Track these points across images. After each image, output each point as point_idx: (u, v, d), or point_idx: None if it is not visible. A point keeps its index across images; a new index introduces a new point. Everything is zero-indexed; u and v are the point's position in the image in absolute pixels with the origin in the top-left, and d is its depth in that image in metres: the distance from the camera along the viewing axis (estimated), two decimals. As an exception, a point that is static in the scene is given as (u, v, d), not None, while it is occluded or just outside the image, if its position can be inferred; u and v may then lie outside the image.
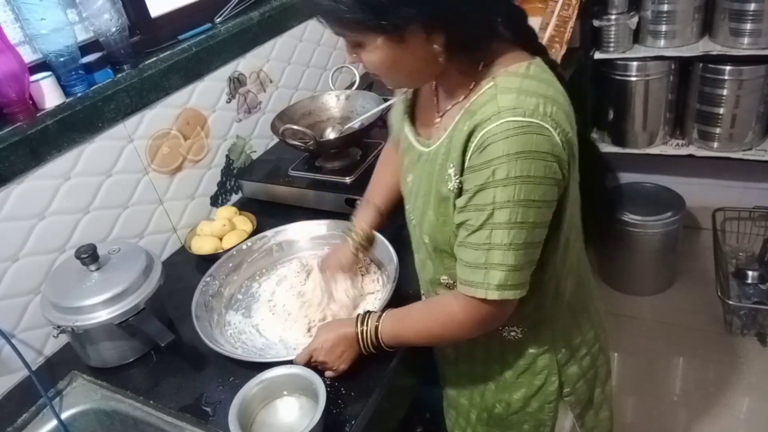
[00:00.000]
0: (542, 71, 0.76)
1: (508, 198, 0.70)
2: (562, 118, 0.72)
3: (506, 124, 0.69)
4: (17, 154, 1.04)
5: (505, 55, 0.77)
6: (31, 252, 1.10)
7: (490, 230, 0.72)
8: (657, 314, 2.21)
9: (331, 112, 1.57)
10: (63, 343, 1.14)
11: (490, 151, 0.70)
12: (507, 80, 0.74)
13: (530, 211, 0.71)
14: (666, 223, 2.12)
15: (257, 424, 0.90)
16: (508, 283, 0.73)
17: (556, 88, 0.75)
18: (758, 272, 2.11)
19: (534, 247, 0.74)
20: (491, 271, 0.73)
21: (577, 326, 0.91)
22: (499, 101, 0.71)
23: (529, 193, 0.70)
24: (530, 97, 0.71)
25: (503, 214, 0.71)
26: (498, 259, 0.72)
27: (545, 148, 0.69)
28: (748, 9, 1.83)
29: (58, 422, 0.99)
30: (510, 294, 0.74)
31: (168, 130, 1.34)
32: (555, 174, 0.71)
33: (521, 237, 0.71)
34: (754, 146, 2.11)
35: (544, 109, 0.70)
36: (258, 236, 1.26)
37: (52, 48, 1.11)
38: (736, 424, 1.81)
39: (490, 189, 0.71)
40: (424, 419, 1.30)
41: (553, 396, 0.92)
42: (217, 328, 1.09)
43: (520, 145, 0.69)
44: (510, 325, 0.88)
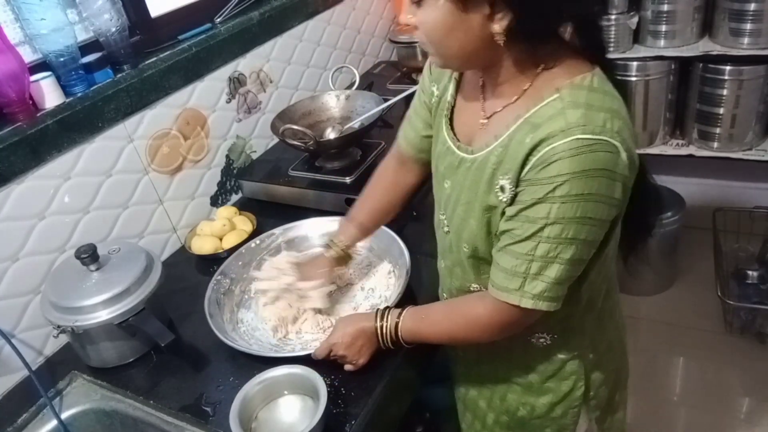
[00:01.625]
0: (604, 83, 0.73)
1: (563, 215, 0.68)
2: (627, 134, 0.70)
3: (575, 142, 0.66)
4: (17, 154, 1.04)
5: (566, 61, 0.73)
6: (31, 252, 1.10)
7: (537, 242, 0.71)
8: (657, 314, 2.21)
9: (331, 112, 1.57)
10: (63, 343, 1.14)
11: (556, 167, 0.67)
12: (573, 93, 0.70)
13: (584, 228, 0.70)
14: (666, 223, 2.12)
15: (258, 424, 0.90)
16: (545, 294, 0.73)
17: (618, 100, 0.72)
18: (758, 272, 2.11)
19: (580, 264, 0.74)
20: (531, 281, 0.73)
21: (603, 332, 0.91)
22: (567, 116, 0.68)
23: (587, 212, 0.68)
24: (598, 113, 0.68)
25: (555, 229, 0.69)
26: (540, 270, 0.72)
27: (611, 166, 0.67)
28: (748, 9, 1.83)
29: (58, 422, 0.99)
30: (544, 305, 0.74)
31: (168, 130, 1.34)
32: (616, 194, 0.70)
33: (569, 252, 0.71)
34: (754, 146, 2.11)
35: (611, 126, 0.68)
36: (266, 234, 1.26)
37: (52, 48, 1.11)
38: (736, 424, 1.81)
39: (548, 204, 0.69)
40: (424, 419, 1.30)
41: (578, 401, 0.91)
42: (230, 325, 1.09)
43: (588, 163, 0.66)
44: (540, 332, 0.87)
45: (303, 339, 1.06)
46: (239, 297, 1.17)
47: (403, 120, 1.03)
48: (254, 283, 1.16)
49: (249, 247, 1.23)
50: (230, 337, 1.03)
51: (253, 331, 1.09)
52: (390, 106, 1.47)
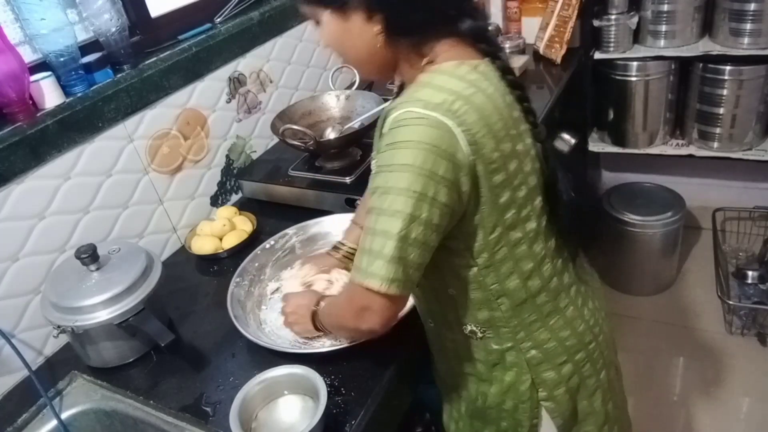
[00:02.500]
0: (472, 71, 0.77)
1: (386, 182, 0.71)
2: (472, 118, 0.72)
3: (406, 113, 0.72)
4: (17, 154, 1.04)
5: (451, 54, 0.78)
6: (31, 252, 1.10)
7: (372, 215, 0.73)
8: (657, 314, 2.21)
9: (331, 112, 1.57)
10: (63, 343, 1.14)
11: (390, 135, 0.72)
12: (429, 76, 0.76)
13: (409, 201, 0.70)
14: (666, 223, 2.12)
15: (258, 424, 0.90)
16: (380, 273, 0.71)
17: (479, 89, 0.75)
18: (758, 272, 2.11)
19: (412, 244, 0.72)
20: (368, 257, 0.73)
21: (548, 330, 0.89)
22: (411, 92, 0.74)
23: (410, 183, 0.70)
24: (440, 93, 0.73)
25: (381, 199, 0.72)
26: (375, 245, 0.72)
27: (438, 143, 0.70)
28: (748, 9, 1.83)
29: (58, 422, 0.98)
30: (377, 284, 0.72)
31: (168, 130, 1.34)
32: (444, 172, 0.71)
33: (396, 225, 0.70)
34: (754, 146, 2.11)
35: (450, 106, 0.71)
36: (280, 234, 1.26)
37: (52, 48, 1.11)
38: (736, 424, 1.81)
39: (383, 173, 0.72)
40: (424, 419, 1.30)
41: (526, 396, 0.91)
42: (254, 324, 1.09)
43: (413, 134, 0.70)
44: (467, 323, 0.89)
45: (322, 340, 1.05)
46: (258, 298, 1.17)
47: None
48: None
49: (264, 248, 1.23)
50: (257, 335, 1.02)
51: (278, 330, 1.08)
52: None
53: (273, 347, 0.99)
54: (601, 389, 0.97)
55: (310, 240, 1.28)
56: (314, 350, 0.99)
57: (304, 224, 1.28)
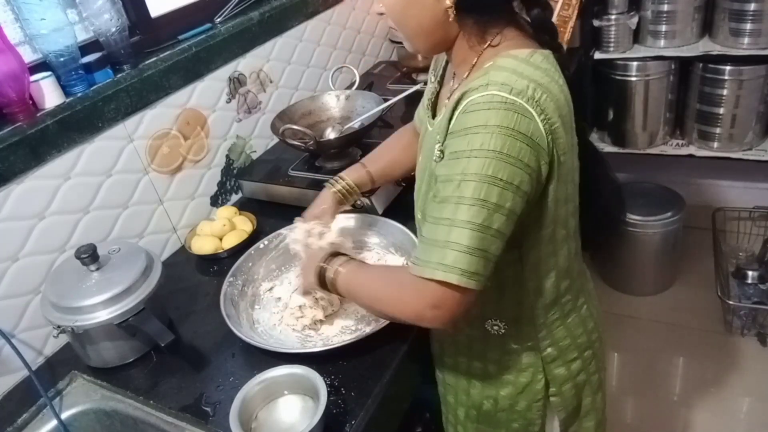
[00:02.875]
0: (544, 61, 0.75)
1: (475, 170, 0.68)
2: (550, 107, 0.71)
3: (490, 96, 0.69)
4: (17, 154, 1.04)
5: (513, 40, 0.77)
6: (31, 252, 1.10)
7: (452, 204, 0.69)
8: (657, 314, 2.21)
9: (331, 112, 1.57)
10: (63, 343, 1.14)
11: (470, 118, 0.69)
12: (505, 61, 0.73)
13: (494, 189, 0.67)
14: (666, 223, 2.12)
15: (258, 424, 0.90)
16: (457, 266, 0.68)
17: (553, 79, 0.74)
18: (758, 272, 2.11)
19: (492, 235, 0.69)
20: (443, 250, 0.69)
21: (566, 328, 0.90)
22: (491, 75, 0.71)
23: (497, 170, 0.67)
24: (522, 79, 0.70)
25: (468, 187, 0.68)
26: (451, 235, 0.68)
27: (524, 129, 0.68)
28: (748, 9, 1.83)
29: (58, 422, 0.98)
30: (455, 278, 0.68)
31: (168, 130, 1.34)
32: (528, 160, 0.69)
33: (480, 215, 0.67)
34: (754, 146, 2.11)
35: (533, 93, 0.70)
36: (274, 234, 1.26)
37: (52, 48, 1.11)
38: (736, 424, 1.81)
39: (462, 159, 0.69)
40: (424, 419, 1.30)
41: (540, 395, 0.91)
42: (247, 323, 1.09)
43: (500, 119, 0.68)
44: (492, 318, 0.87)
45: (324, 335, 1.05)
46: (252, 298, 1.17)
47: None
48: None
49: (258, 248, 1.23)
50: (249, 336, 1.02)
51: (270, 330, 1.09)
52: (390, 106, 1.47)
53: (265, 347, 0.99)
54: (602, 386, 0.99)
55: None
56: (312, 350, 0.99)
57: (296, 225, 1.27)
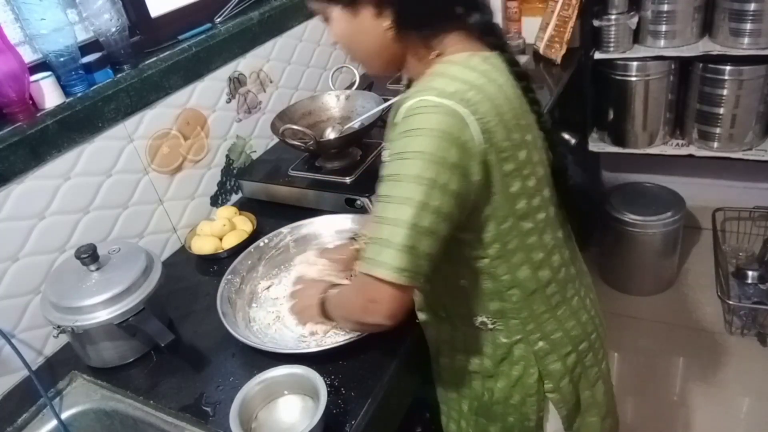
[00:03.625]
0: (483, 63, 0.78)
1: (398, 170, 0.71)
2: (485, 106, 0.73)
3: (420, 102, 0.72)
4: (17, 154, 1.04)
5: (459, 46, 0.79)
6: (31, 252, 1.10)
7: (383, 203, 0.72)
8: (657, 314, 2.21)
9: (331, 112, 1.57)
10: (63, 343, 1.14)
11: (403, 124, 0.73)
12: (442, 66, 0.77)
13: (420, 188, 0.69)
14: (666, 223, 2.12)
15: (258, 424, 0.90)
16: (388, 262, 0.70)
17: (491, 80, 0.76)
18: (758, 272, 2.11)
19: (420, 232, 0.70)
20: (379, 247, 0.71)
21: (556, 320, 0.90)
22: (425, 82, 0.75)
23: (421, 170, 0.69)
24: (454, 82, 0.73)
25: (393, 187, 0.71)
26: (385, 234, 0.71)
27: (451, 130, 0.70)
28: (748, 9, 1.83)
29: (58, 422, 0.99)
30: (387, 274, 0.70)
31: (168, 130, 1.34)
32: (456, 160, 0.71)
33: (407, 213, 0.69)
34: (754, 146, 2.11)
35: (464, 95, 0.72)
36: (274, 233, 1.26)
37: (52, 48, 1.11)
38: (736, 424, 1.81)
39: (394, 161, 0.72)
40: (424, 419, 1.30)
41: (534, 389, 0.91)
42: (243, 323, 1.09)
43: (425, 122, 0.71)
44: (478, 314, 0.89)
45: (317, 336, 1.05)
46: (250, 296, 1.17)
47: None
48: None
49: (258, 246, 1.24)
50: (244, 335, 1.03)
51: (266, 329, 1.09)
52: (390, 106, 1.47)
53: (260, 347, 0.99)
54: (602, 379, 0.99)
55: (304, 239, 1.28)
56: (307, 350, 0.99)
57: (299, 224, 1.28)
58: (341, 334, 1.03)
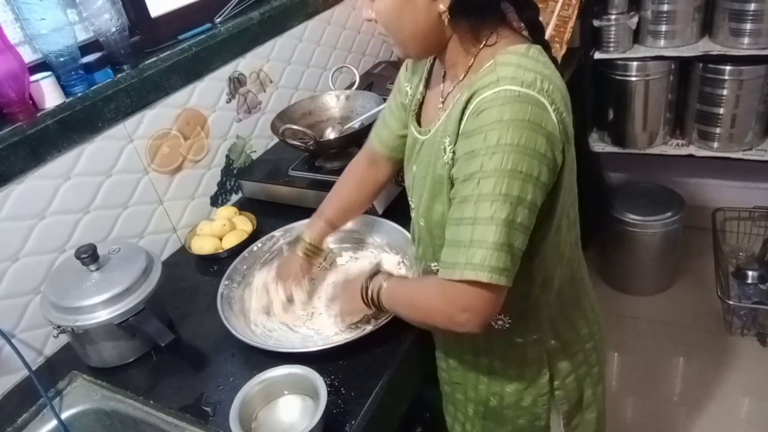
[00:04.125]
0: (541, 54, 0.77)
1: (494, 166, 0.68)
2: (558, 97, 0.72)
3: (503, 92, 0.69)
4: (17, 154, 1.04)
5: (506, 38, 0.78)
6: (31, 252, 1.10)
7: (472, 203, 0.69)
8: (657, 314, 2.21)
9: (331, 112, 1.57)
10: (63, 343, 1.14)
11: (484, 116, 0.69)
12: (507, 57, 0.74)
13: (515, 183, 0.68)
14: (666, 223, 2.12)
15: (258, 424, 0.90)
16: (486, 263, 0.68)
17: (554, 71, 0.76)
18: (758, 272, 2.11)
19: (521, 230, 0.69)
20: (470, 249, 0.69)
21: (568, 321, 0.91)
22: (498, 72, 0.72)
23: (516, 163, 0.67)
24: (528, 72, 0.71)
25: (488, 184, 0.68)
26: (477, 234, 0.68)
27: (539, 120, 0.69)
28: (748, 9, 1.83)
29: (58, 422, 0.98)
30: (486, 276, 0.68)
31: (168, 130, 1.34)
32: (545, 151, 0.69)
33: (505, 210, 0.68)
34: (754, 146, 2.11)
35: (542, 85, 0.71)
36: (267, 237, 1.26)
37: (52, 48, 1.11)
38: (736, 424, 1.81)
39: (479, 157, 0.69)
40: (424, 419, 1.30)
41: (546, 389, 0.92)
42: (247, 327, 1.09)
43: (514, 113, 0.68)
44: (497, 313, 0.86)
45: (324, 334, 1.05)
46: (248, 301, 1.16)
47: (376, 121, 1.08)
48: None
49: (251, 250, 1.23)
50: (249, 336, 1.02)
51: (270, 332, 1.08)
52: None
53: (264, 347, 0.99)
54: (603, 378, 1.00)
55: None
56: (308, 350, 0.99)
57: (291, 226, 1.27)
58: (345, 333, 1.04)
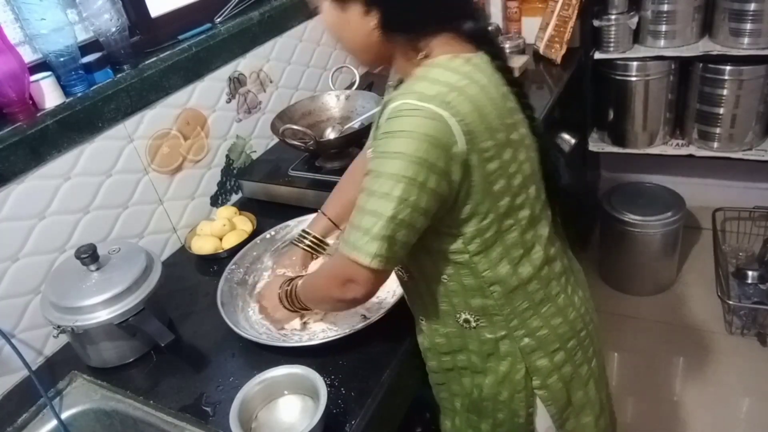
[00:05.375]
0: (465, 64, 0.79)
1: (379, 168, 0.75)
2: (466, 108, 0.75)
3: (402, 105, 0.75)
4: (17, 154, 1.04)
5: (447, 48, 0.81)
6: (31, 252, 1.10)
7: (364, 195, 0.77)
8: (657, 314, 2.21)
9: (331, 112, 1.57)
10: (63, 343, 1.14)
11: (387, 124, 0.76)
12: (424, 69, 0.79)
13: (398, 186, 0.73)
14: (666, 223, 2.12)
15: (258, 424, 0.90)
16: (365, 247, 0.76)
17: (473, 81, 0.78)
18: (758, 272, 2.11)
19: (399, 224, 0.75)
20: (356, 232, 0.77)
21: (540, 318, 0.90)
22: (409, 86, 0.78)
23: (405, 170, 0.73)
24: (435, 85, 0.76)
25: (374, 182, 0.75)
26: (364, 222, 0.76)
27: (431, 132, 0.73)
28: (748, 9, 1.83)
29: (58, 422, 0.99)
30: (362, 258, 0.76)
31: (168, 130, 1.34)
32: (435, 160, 0.73)
33: (386, 207, 0.74)
34: (754, 146, 2.11)
35: (444, 98, 0.74)
36: (281, 225, 1.28)
37: (52, 48, 1.11)
38: (736, 424, 1.81)
39: (377, 158, 0.76)
40: (424, 419, 1.30)
41: (521, 385, 0.92)
42: (242, 314, 1.10)
43: (406, 125, 0.74)
44: (461, 311, 0.90)
45: (311, 330, 1.06)
46: (252, 287, 1.19)
47: None
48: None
49: (264, 237, 1.26)
50: (241, 326, 1.04)
51: (263, 320, 1.10)
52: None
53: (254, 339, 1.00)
54: (593, 378, 0.99)
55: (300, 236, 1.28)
56: (308, 343, 0.99)
57: (305, 218, 1.28)
58: (334, 328, 1.04)
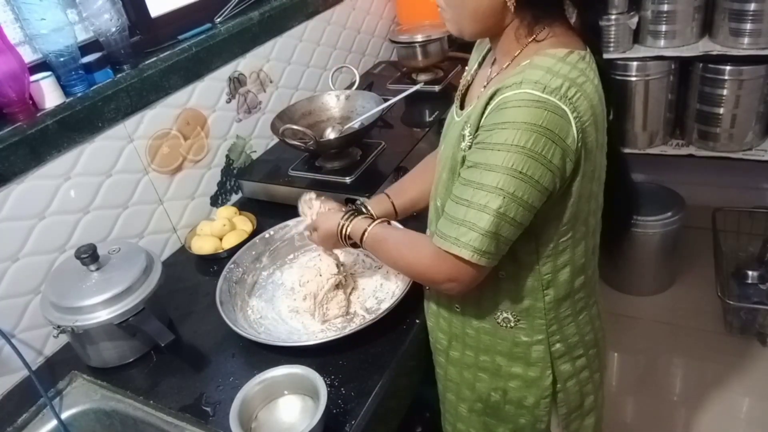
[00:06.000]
0: (581, 61, 0.76)
1: (497, 161, 0.71)
2: (583, 106, 0.72)
3: (523, 94, 0.70)
4: (17, 154, 1.04)
5: (558, 37, 0.77)
6: (31, 252, 1.10)
7: (472, 188, 0.74)
8: (657, 314, 2.21)
9: (331, 112, 1.57)
10: (63, 343, 1.14)
11: (501, 114, 0.72)
12: (541, 59, 0.74)
13: (515, 182, 0.71)
14: (666, 223, 2.12)
15: (258, 424, 0.90)
16: (473, 244, 0.74)
17: (588, 79, 0.75)
18: (758, 272, 2.11)
19: (513, 224, 0.74)
20: (461, 227, 0.75)
21: (576, 325, 0.91)
22: (526, 74, 0.72)
23: (520, 165, 0.70)
24: (557, 78, 0.71)
25: (488, 176, 0.72)
26: (471, 217, 0.74)
27: (552, 127, 0.70)
28: (748, 9, 1.83)
29: (58, 422, 0.99)
30: (468, 254, 0.74)
31: (168, 130, 1.34)
32: (552, 157, 0.71)
33: (497, 203, 0.72)
34: (754, 146, 2.11)
35: (566, 92, 0.71)
36: (281, 225, 1.28)
37: (52, 48, 1.11)
38: (736, 424, 1.81)
39: (488, 150, 0.72)
40: (424, 419, 1.30)
41: (548, 391, 0.92)
42: (240, 313, 1.10)
43: (529, 116, 0.69)
44: (503, 309, 0.88)
45: (310, 330, 1.07)
46: (251, 286, 1.19)
47: None
48: None
49: (263, 237, 1.26)
50: (240, 325, 1.04)
51: (262, 320, 1.10)
52: (390, 106, 1.47)
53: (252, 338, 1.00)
54: (603, 384, 0.99)
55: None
56: (308, 343, 0.99)
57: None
58: (337, 329, 1.04)
